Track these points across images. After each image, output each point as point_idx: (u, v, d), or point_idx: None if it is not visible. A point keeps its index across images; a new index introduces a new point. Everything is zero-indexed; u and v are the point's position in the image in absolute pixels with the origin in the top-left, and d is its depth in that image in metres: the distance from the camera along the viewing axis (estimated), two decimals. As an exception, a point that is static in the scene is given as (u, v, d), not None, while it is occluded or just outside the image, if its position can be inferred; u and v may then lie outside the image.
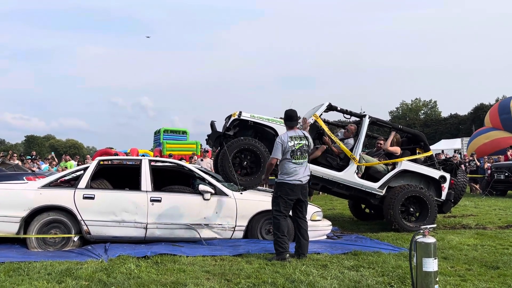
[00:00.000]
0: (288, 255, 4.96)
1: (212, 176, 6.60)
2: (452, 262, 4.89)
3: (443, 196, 7.54)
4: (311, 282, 3.85)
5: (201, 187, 6.09)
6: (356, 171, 7.33)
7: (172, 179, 6.96)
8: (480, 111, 53.06)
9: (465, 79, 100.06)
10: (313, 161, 7.39)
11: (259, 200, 6.27)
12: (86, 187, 6.00)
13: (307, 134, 5.45)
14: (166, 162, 6.69)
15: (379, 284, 3.97)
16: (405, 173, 7.50)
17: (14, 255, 5.34)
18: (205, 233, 6.00)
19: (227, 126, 7.29)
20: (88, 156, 20.55)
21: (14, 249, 5.70)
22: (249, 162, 7.01)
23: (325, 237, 6.45)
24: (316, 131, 7.79)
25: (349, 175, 7.29)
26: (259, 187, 7.31)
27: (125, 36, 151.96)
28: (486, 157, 15.73)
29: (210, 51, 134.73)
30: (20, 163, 11.70)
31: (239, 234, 6.12)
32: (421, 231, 3.58)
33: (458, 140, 35.80)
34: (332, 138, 7.52)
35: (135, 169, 6.74)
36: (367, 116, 7.65)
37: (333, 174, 7.31)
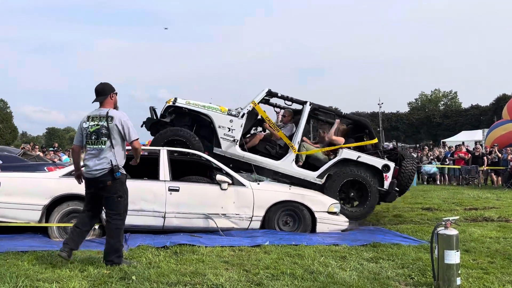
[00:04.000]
0: (63, 252, 4.25)
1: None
2: (474, 255, 4.80)
3: (386, 186, 7.23)
4: (330, 274, 3.83)
5: (219, 177, 6.11)
6: (295, 160, 7.17)
7: (190, 169, 6.98)
8: (502, 101, 51.73)
9: (486, 69, 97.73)
10: (252, 149, 7.35)
11: (277, 191, 6.27)
12: (106, 177, 6.06)
13: (116, 114, 4.31)
14: (184, 152, 6.71)
15: (399, 276, 3.92)
16: (347, 162, 7.24)
17: (37, 244, 5.44)
18: (223, 223, 6.03)
19: (162, 113, 7.34)
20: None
21: (36, 238, 5.82)
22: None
23: (341, 230, 6.39)
24: (254, 118, 7.72)
25: (287, 164, 7.13)
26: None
27: (141, 29, 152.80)
28: (509, 149, 15.34)
29: (227, 43, 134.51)
30: (41, 154, 11.92)
31: (256, 224, 6.13)
32: (443, 223, 3.52)
33: (479, 131, 35.12)
34: (271, 126, 7.40)
35: (153, 159, 6.80)
36: (308, 103, 7.44)
37: (270, 162, 7.17)
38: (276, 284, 3.54)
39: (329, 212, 6.23)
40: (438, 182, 16.35)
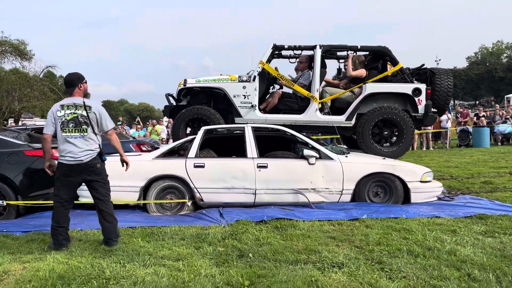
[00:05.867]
0: (64, 247, 4.34)
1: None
2: None
3: (421, 110, 6.91)
4: (451, 250, 3.74)
5: (306, 151, 6.09)
6: (320, 108, 6.97)
7: (272, 144, 7.01)
8: None
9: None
10: (274, 109, 7.17)
11: (366, 163, 6.16)
12: (196, 157, 6.24)
13: (92, 103, 4.39)
14: (268, 128, 6.73)
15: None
16: (375, 96, 6.92)
17: (140, 219, 5.75)
18: (312, 197, 6.04)
19: (177, 97, 7.35)
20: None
21: (137, 214, 6.14)
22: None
23: (435, 199, 6.23)
24: (267, 77, 7.46)
25: (311, 115, 6.97)
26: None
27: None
28: None
29: (270, 8, 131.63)
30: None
31: (347, 197, 6.10)
32: None
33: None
34: (285, 81, 7.17)
35: (236, 137, 6.88)
36: (317, 46, 7.08)
37: (293, 118, 7.01)
38: (398, 262, 3.52)
39: (421, 181, 6.07)
40: (514, 143, 15.46)
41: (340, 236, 4.46)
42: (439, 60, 49.47)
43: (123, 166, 4.81)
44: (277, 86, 7.96)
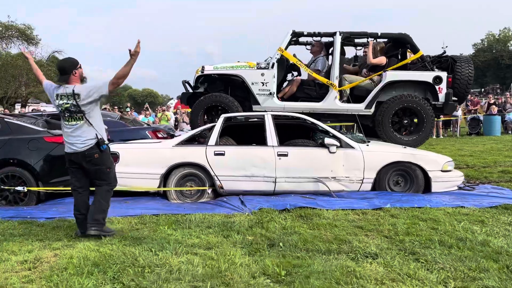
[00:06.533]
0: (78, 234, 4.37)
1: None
2: None
3: (441, 99, 6.85)
4: (485, 242, 3.73)
5: (327, 140, 6.06)
6: (339, 96, 6.93)
7: (289, 132, 6.97)
8: None
9: None
10: (292, 97, 7.11)
11: (387, 152, 6.14)
12: (216, 144, 6.22)
13: (81, 89, 4.16)
14: (288, 116, 6.69)
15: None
16: (395, 84, 6.87)
17: (161, 206, 5.76)
18: (333, 186, 6.03)
19: (194, 84, 7.29)
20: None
21: (158, 201, 6.16)
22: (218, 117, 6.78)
23: (456, 188, 6.22)
24: (286, 64, 7.38)
25: (330, 103, 6.93)
26: None
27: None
28: None
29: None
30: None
31: (367, 186, 6.09)
32: None
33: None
34: (303, 68, 7.10)
35: (254, 125, 6.85)
36: (337, 33, 7.01)
37: (312, 106, 6.97)
38: (432, 253, 3.52)
39: (442, 171, 6.05)
40: (525, 131, 15.38)
41: (367, 225, 4.46)
42: (446, 47, 48.84)
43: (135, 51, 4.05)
44: (295, 74, 7.90)
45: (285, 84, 7.79)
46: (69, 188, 6.13)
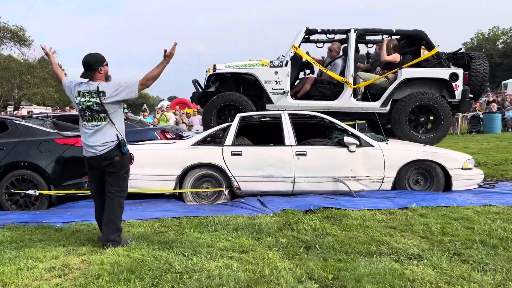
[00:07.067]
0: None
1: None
2: None
3: (458, 96, 6.83)
4: (527, 241, 3.67)
5: (347, 139, 5.96)
6: (353, 94, 6.86)
7: (304, 131, 6.87)
8: None
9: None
10: (305, 96, 7.04)
11: (408, 150, 6.07)
12: (233, 144, 6.09)
13: (106, 87, 3.95)
14: (305, 115, 6.59)
15: None
16: (410, 81, 6.82)
17: (180, 209, 5.61)
18: (352, 186, 5.94)
19: (205, 83, 7.19)
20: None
21: (173, 203, 6.01)
22: (233, 118, 6.65)
23: (476, 186, 6.17)
24: (299, 62, 7.32)
25: (345, 101, 6.87)
26: None
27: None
28: None
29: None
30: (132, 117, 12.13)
31: (387, 185, 6.01)
32: None
33: (548, 70, 32.56)
34: (317, 66, 7.04)
35: (269, 124, 6.74)
36: (352, 30, 6.95)
37: (326, 104, 6.89)
38: (478, 254, 3.43)
39: (463, 169, 5.99)
40: (525, 129, 15.48)
41: (399, 226, 4.37)
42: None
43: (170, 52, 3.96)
44: (307, 72, 7.79)
45: (297, 82, 7.68)
46: (82, 192, 6.02)
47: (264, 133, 6.76)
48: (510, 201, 5.16)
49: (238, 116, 6.38)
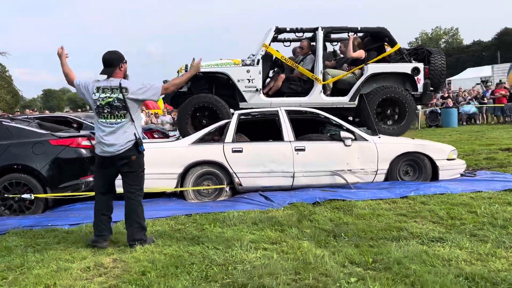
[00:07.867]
0: (105, 242, 4.06)
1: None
2: None
3: (420, 89, 7.31)
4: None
5: (343, 133, 6.25)
6: (323, 90, 7.15)
7: (300, 127, 7.05)
8: (505, 36, 51.37)
9: (487, 2, 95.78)
10: (277, 93, 7.32)
11: (399, 143, 6.46)
12: (233, 141, 6.19)
13: (129, 84, 3.99)
14: (301, 111, 6.76)
15: None
16: (375, 76, 7.23)
17: (184, 207, 5.64)
18: (348, 178, 6.21)
19: None
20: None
21: (176, 202, 6.04)
22: (207, 119, 6.88)
23: (459, 175, 6.66)
24: (270, 60, 7.60)
25: (315, 97, 7.12)
26: None
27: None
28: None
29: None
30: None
31: (380, 177, 6.35)
32: None
33: (486, 68, 34.83)
34: (288, 63, 7.31)
35: (266, 121, 6.87)
36: (319, 28, 7.30)
37: (298, 101, 7.14)
38: (491, 234, 3.78)
39: (448, 159, 6.45)
40: (478, 122, 16.66)
41: (408, 213, 4.67)
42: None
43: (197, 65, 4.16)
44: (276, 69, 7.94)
45: (267, 80, 7.80)
46: (78, 194, 5.87)
47: (260, 129, 6.90)
48: (497, 187, 5.64)
49: (237, 113, 6.48)
